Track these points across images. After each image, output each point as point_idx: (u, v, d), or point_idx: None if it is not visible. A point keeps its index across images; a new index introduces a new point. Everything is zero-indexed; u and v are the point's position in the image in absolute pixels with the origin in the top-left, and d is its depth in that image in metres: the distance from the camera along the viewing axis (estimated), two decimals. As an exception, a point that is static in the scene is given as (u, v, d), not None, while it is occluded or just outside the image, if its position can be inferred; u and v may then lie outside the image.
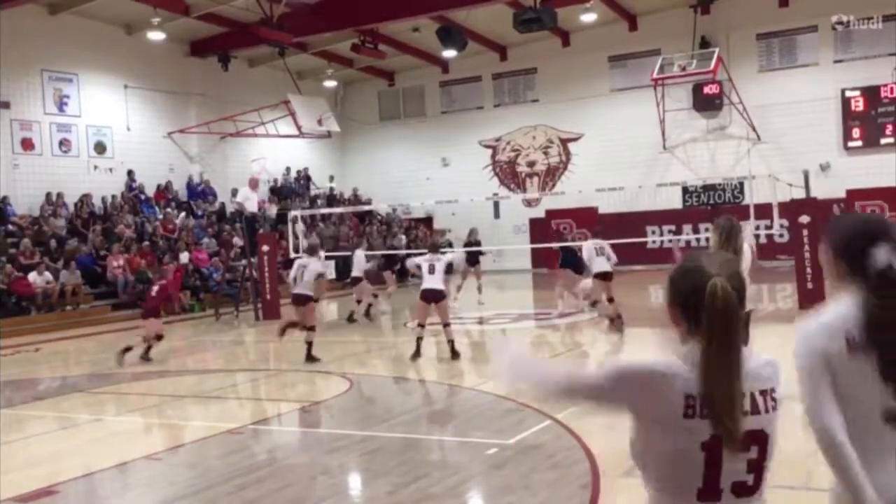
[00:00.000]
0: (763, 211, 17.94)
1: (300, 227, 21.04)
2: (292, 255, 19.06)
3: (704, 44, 27.91)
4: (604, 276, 13.98)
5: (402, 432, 8.14)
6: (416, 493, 6.24)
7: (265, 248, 19.68)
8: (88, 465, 7.72)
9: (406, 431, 8.17)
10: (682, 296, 2.27)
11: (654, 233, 28.42)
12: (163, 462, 7.61)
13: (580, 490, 5.99)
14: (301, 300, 12.90)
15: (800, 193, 16.42)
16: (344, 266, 26.06)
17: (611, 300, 14.06)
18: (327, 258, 18.26)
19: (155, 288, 14.45)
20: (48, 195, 23.44)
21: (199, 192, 27.88)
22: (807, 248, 14.31)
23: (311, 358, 12.63)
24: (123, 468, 7.52)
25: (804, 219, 14.34)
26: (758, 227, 18.80)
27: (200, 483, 6.75)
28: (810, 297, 13.62)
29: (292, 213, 21.41)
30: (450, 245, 24.69)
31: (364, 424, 8.53)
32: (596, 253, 13.87)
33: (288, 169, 31.38)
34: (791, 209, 15.35)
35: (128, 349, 13.63)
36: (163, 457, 7.78)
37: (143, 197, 25.92)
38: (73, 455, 8.20)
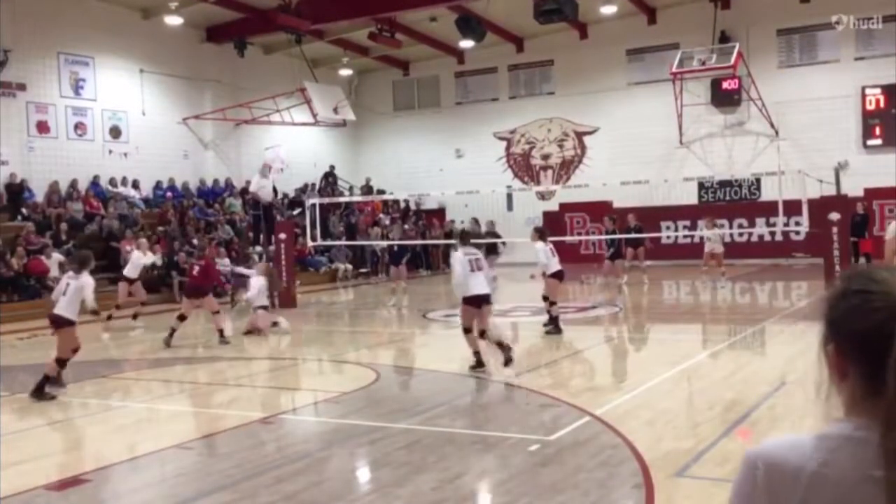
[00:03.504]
0: (785, 207, 17.73)
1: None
2: (310, 243, 18.97)
3: (724, 38, 27.68)
4: (559, 276, 13.96)
5: (437, 426, 7.99)
6: (461, 490, 6.08)
7: (282, 235, 19.53)
8: (118, 453, 7.59)
9: (441, 425, 8.01)
10: (852, 333, 1.44)
11: (668, 228, 28.22)
12: (195, 451, 7.46)
13: (633, 490, 5.83)
14: (59, 322, 10.18)
15: (828, 190, 16.22)
16: (361, 256, 26.03)
17: (553, 303, 14.02)
18: (348, 247, 18.42)
19: (197, 268, 14.76)
20: (73, 181, 23.56)
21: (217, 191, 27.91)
22: (836, 245, 14.11)
23: (40, 392, 9.87)
24: (155, 457, 7.38)
25: (834, 216, 14.13)
26: (787, 224, 18.68)
27: (237, 474, 6.59)
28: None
29: (309, 201, 21.23)
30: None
31: (397, 417, 8.37)
32: (551, 254, 13.89)
33: (332, 167, 31.45)
34: (819, 206, 15.11)
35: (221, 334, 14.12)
36: (194, 446, 7.63)
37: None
38: (101, 442, 8.07)
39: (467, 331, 10.67)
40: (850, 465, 1.39)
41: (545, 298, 14.18)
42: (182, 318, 14.19)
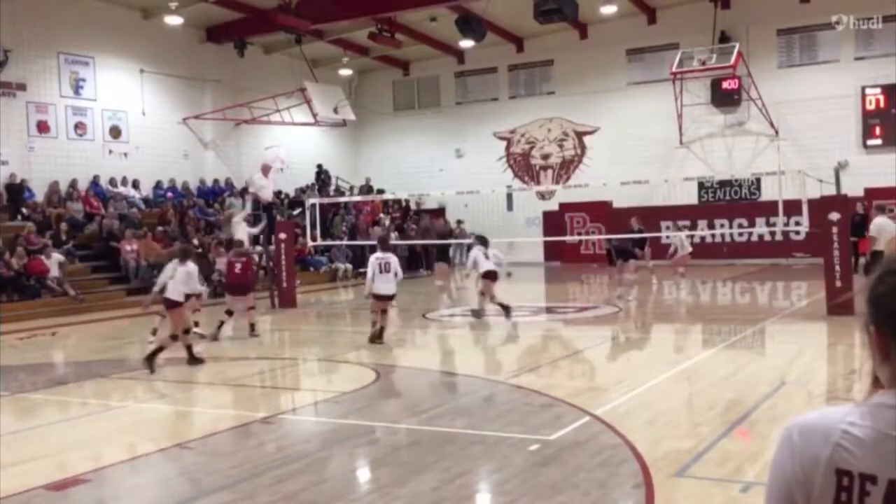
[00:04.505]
0: (785, 207, 17.72)
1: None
2: (310, 243, 18.99)
3: (724, 38, 27.68)
4: (491, 276, 15.39)
5: (437, 426, 7.98)
6: (461, 490, 6.08)
7: (282, 235, 19.53)
8: (118, 453, 7.59)
9: (441, 425, 8.01)
10: (889, 312, 1.51)
11: (668, 228, 28.17)
12: (195, 451, 7.45)
13: (634, 490, 5.83)
14: (170, 304, 11.99)
15: (828, 190, 16.25)
16: (361, 256, 26.09)
17: (492, 298, 15.52)
18: (348, 247, 18.60)
19: (238, 265, 15.11)
20: (73, 181, 23.60)
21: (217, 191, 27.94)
22: (836, 245, 14.11)
23: (193, 360, 11.98)
24: (155, 457, 7.38)
25: (834, 216, 14.13)
26: (787, 224, 18.69)
27: (237, 474, 6.59)
28: (839, 296, 13.50)
29: (309, 201, 21.21)
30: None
31: (397, 417, 8.38)
32: (484, 256, 15.35)
33: (320, 165, 31.46)
34: (820, 206, 15.11)
35: (221, 324, 14.62)
36: (195, 446, 7.62)
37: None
38: (101, 442, 8.06)
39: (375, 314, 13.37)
40: (880, 426, 1.46)
41: (482, 293, 15.67)
42: (230, 312, 14.84)
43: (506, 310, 15.25)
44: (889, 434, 1.45)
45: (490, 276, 15.42)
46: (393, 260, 13.41)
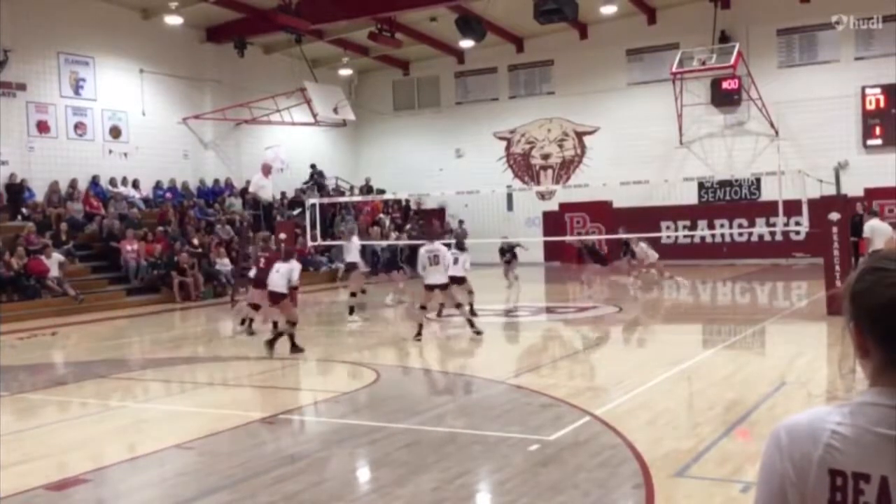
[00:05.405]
0: (785, 207, 17.72)
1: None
2: (309, 243, 18.99)
3: (724, 38, 27.68)
4: (459, 281, 15.69)
5: (436, 426, 7.99)
6: (461, 490, 6.08)
7: (282, 235, 19.52)
8: (119, 453, 7.59)
9: (441, 425, 8.02)
10: (868, 308, 1.52)
11: (668, 228, 28.21)
12: (196, 451, 7.45)
13: (633, 490, 5.83)
14: (276, 297, 13.19)
15: (828, 190, 16.26)
16: (361, 256, 26.10)
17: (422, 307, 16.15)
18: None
19: (262, 260, 15.17)
20: (73, 181, 23.61)
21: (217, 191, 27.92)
22: (836, 245, 14.12)
23: (295, 348, 12.82)
24: (155, 457, 7.36)
25: (834, 216, 14.13)
26: (787, 224, 18.71)
27: (238, 474, 6.59)
28: (839, 297, 13.52)
29: (310, 201, 21.21)
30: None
31: (397, 417, 8.37)
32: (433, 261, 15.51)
33: (313, 165, 31.49)
34: (820, 206, 15.12)
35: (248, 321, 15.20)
36: (195, 446, 7.61)
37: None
38: (101, 442, 8.06)
39: (423, 307, 14.01)
40: (866, 426, 1.47)
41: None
42: (256, 307, 15.07)
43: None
44: (875, 431, 1.47)
45: (459, 281, 15.84)
46: (441, 251, 13.86)
